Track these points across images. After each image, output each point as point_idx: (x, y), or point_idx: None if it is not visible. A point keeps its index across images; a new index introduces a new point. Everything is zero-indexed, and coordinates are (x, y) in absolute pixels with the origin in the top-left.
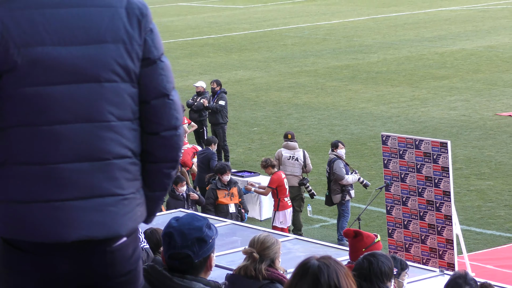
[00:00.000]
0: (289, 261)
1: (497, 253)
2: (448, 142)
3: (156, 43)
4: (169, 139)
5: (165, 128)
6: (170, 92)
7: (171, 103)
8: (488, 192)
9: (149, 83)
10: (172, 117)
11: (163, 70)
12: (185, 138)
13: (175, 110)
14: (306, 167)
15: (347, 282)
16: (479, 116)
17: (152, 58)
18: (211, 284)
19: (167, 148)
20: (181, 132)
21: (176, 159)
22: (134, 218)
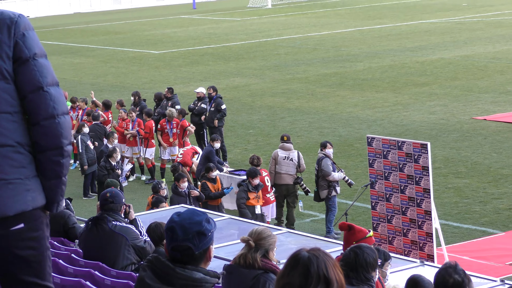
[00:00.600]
0: (282, 252)
1: (473, 246)
2: (428, 143)
3: (28, 45)
4: (48, 127)
5: (44, 117)
6: (43, 85)
7: (46, 94)
8: (465, 190)
9: (23, 79)
10: (49, 107)
11: (36, 66)
12: (187, 138)
13: (51, 100)
14: (300, 167)
15: (334, 272)
16: (456, 119)
17: (24, 57)
18: (210, 273)
19: (48, 136)
20: (60, 120)
21: (60, 145)
22: (22, 201)
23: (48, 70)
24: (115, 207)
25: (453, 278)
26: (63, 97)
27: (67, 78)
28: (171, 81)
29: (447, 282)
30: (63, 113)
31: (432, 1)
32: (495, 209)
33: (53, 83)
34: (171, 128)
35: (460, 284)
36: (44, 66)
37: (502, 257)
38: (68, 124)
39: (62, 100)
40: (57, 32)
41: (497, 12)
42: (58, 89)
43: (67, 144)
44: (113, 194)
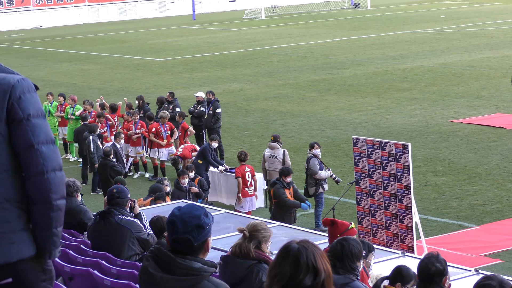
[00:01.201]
0: (273, 244)
1: (450, 238)
2: (408, 144)
3: (23, 107)
4: (38, 182)
5: (34, 173)
6: (34, 144)
7: (37, 151)
8: (442, 187)
9: (17, 138)
10: (39, 164)
11: (29, 126)
12: (187, 138)
13: (42, 158)
14: (285, 164)
15: (322, 262)
16: (435, 122)
17: (18, 118)
18: (208, 263)
19: (38, 190)
20: (50, 176)
21: (48, 200)
22: (6, 253)
23: (41, 129)
24: (121, 202)
25: (435, 266)
26: (56, 154)
27: (77, 83)
28: (172, 86)
29: (429, 270)
30: (53, 169)
31: (412, 13)
32: (470, 204)
33: (46, 141)
34: (164, 130)
35: (441, 273)
36: (38, 126)
37: (477, 249)
38: (59, 180)
39: (53, 157)
40: (67, 41)
41: (472, 23)
42: (52, 146)
43: (56, 198)
44: (120, 190)
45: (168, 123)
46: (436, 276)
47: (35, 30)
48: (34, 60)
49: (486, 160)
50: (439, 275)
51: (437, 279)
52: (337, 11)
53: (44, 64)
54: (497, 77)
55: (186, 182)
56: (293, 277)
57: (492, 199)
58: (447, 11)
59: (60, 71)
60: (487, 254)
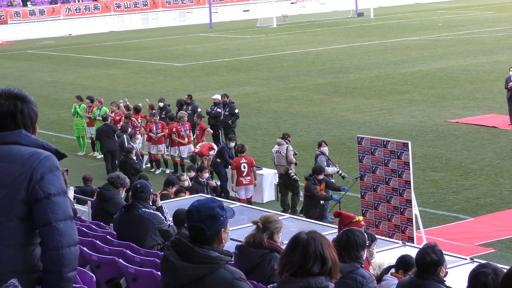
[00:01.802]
0: (284, 235)
1: (446, 229)
2: (409, 142)
3: (44, 187)
4: (52, 256)
5: (50, 248)
6: (52, 221)
7: (54, 228)
8: (440, 182)
9: (37, 215)
10: (55, 240)
11: (49, 205)
12: (204, 137)
13: (58, 235)
14: (287, 159)
15: (329, 251)
16: (433, 122)
17: (39, 198)
18: (224, 252)
19: (52, 263)
20: (64, 252)
21: (60, 272)
22: None
23: (61, 207)
24: (144, 196)
25: (430, 257)
26: (72, 231)
27: (103, 87)
28: (191, 89)
29: (425, 260)
30: (68, 245)
31: (412, 22)
32: (466, 198)
33: (65, 218)
34: (184, 130)
35: (436, 263)
36: (57, 204)
37: (472, 239)
38: (72, 255)
39: (69, 234)
40: (95, 47)
41: (467, 31)
42: (70, 223)
43: (67, 272)
44: (143, 185)
45: (187, 123)
46: (431, 266)
47: (65, 38)
48: (64, 65)
49: (480, 157)
50: (434, 265)
51: (432, 268)
52: (343, 20)
53: (73, 69)
54: (491, 81)
55: (206, 177)
56: (302, 265)
57: (486, 193)
58: (444, 20)
59: (88, 76)
60: (482, 244)
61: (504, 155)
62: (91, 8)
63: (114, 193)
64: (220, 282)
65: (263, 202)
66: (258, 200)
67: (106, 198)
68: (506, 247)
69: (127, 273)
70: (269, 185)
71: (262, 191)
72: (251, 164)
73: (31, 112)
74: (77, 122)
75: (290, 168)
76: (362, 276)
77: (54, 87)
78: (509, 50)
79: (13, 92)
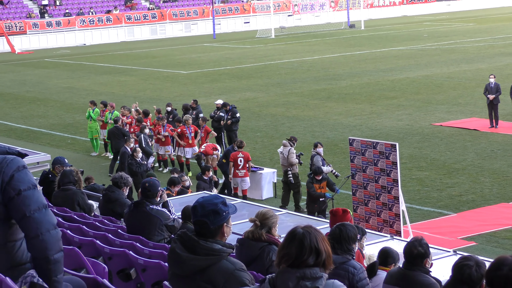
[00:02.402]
0: (282, 229)
1: (431, 224)
2: (396, 144)
3: (14, 185)
4: (35, 243)
5: (31, 237)
6: (27, 213)
7: (30, 219)
8: (425, 180)
9: (14, 211)
10: (33, 228)
11: (21, 200)
12: (209, 139)
13: (35, 223)
14: (288, 161)
15: (323, 244)
16: (418, 125)
17: (11, 196)
18: (227, 245)
19: (37, 250)
20: (44, 237)
21: (45, 256)
22: None
23: (32, 199)
24: (151, 195)
25: (417, 249)
26: (48, 216)
27: (115, 92)
28: (196, 94)
29: (412, 253)
30: (47, 230)
31: (400, 33)
32: (449, 195)
33: (38, 207)
34: (190, 132)
35: (422, 255)
36: (28, 197)
37: (455, 233)
38: (53, 238)
39: (46, 220)
40: (107, 56)
41: (451, 41)
42: (44, 211)
43: (53, 254)
44: (151, 184)
45: (193, 126)
46: (418, 258)
47: (79, 47)
48: (79, 73)
49: (462, 158)
50: (420, 257)
51: (419, 260)
52: (336, 31)
53: (88, 76)
54: (472, 87)
55: (209, 175)
56: (298, 257)
57: (468, 190)
58: (429, 31)
59: (101, 82)
60: (464, 238)
61: (485, 155)
62: (104, 20)
63: (118, 194)
64: (223, 272)
65: (262, 199)
66: (258, 197)
67: (112, 200)
68: (486, 241)
69: (137, 264)
70: (268, 183)
71: (261, 189)
72: (247, 159)
73: None
74: (91, 125)
75: (289, 169)
76: (354, 267)
77: (69, 92)
78: (489, 59)
79: None
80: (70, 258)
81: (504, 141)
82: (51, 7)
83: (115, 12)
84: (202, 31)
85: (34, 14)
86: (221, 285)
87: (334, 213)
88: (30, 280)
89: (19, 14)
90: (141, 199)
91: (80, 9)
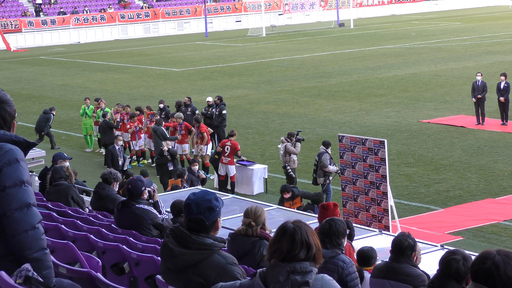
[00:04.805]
0: (272, 224)
1: (419, 219)
2: (385, 140)
3: (0, 180)
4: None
5: (9, 236)
6: (7, 211)
7: (9, 218)
8: (413, 176)
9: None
10: (10, 228)
11: (4, 197)
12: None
13: (13, 223)
14: (286, 151)
15: (313, 239)
16: (406, 122)
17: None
18: (218, 239)
19: (15, 248)
20: (21, 237)
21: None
22: None
23: (15, 197)
24: (136, 195)
25: (407, 241)
26: (27, 216)
27: (109, 90)
28: (188, 92)
29: (402, 244)
30: (24, 231)
31: (388, 32)
32: (436, 191)
33: (20, 206)
34: (180, 129)
35: (412, 247)
36: (11, 195)
37: (442, 228)
38: (31, 238)
39: (25, 220)
40: (101, 54)
41: (438, 40)
42: (26, 210)
43: (31, 253)
44: (133, 186)
45: (185, 123)
46: (408, 250)
47: (74, 45)
48: (73, 70)
49: (449, 154)
50: (410, 249)
51: (409, 252)
52: (326, 30)
53: (82, 74)
54: (459, 85)
55: (196, 169)
56: (290, 251)
57: (455, 186)
58: (417, 30)
59: (95, 79)
60: (451, 232)
61: (471, 152)
62: (98, 18)
63: (108, 190)
64: (215, 266)
65: (253, 194)
66: (249, 193)
67: (103, 197)
68: (473, 235)
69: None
70: (259, 179)
71: (252, 184)
72: (235, 148)
73: (3, 112)
74: (86, 122)
75: (287, 164)
76: (343, 261)
77: (64, 90)
78: (476, 57)
79: None
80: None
81: (491, 137)
82: (46, 6)
83: (109, 11)
84: (194, 29)
85: (30, 12)
86: (213, 278)
87: (325, 207)
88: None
89: (14, 13)
90: (127, 199)
91: (74, 7)
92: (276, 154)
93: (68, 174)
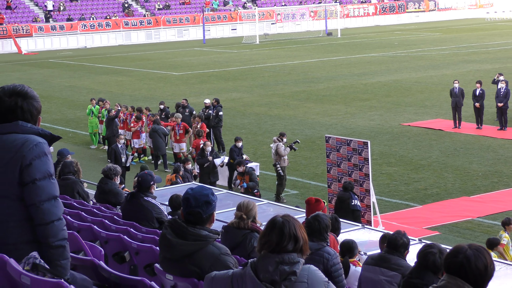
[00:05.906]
0: (263, 218)
1: (399, 215)
2: (368, 142)
3: (31, 173)
4: (40, 230)
5: (36, 224)
6: (36, 202)
7: (38, 209)
8: (394, 175)
9: (25, 197)
10: (39, 217)
11: (33, 189)
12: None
13: (42, 213)
14: (277, 153)
15: (301, 232)
16: (389, 125)
17: (25, 182)
18: (213, 231)
19: (41, 235)
20: (48, 226)
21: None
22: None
23: (44, 190)
24: (145, 188)
25: (402, 240)
26: (55, 208)
27: (113, 91)
28: (186, 94)
29: (398, 241)
30: (51, 221)
31: (373, 41)
32: (415, 189)
33: (48, 198)
34: (178, 129)
35: (405, 245)
36: (41, 187)
37: (420, 223)
38: (56, 228)
39: (52, 212)
40: (106, 58)
41: (419, 49)
42: (53, 202)
43: (54, 241)
44: (143, 178)
45: (183, 123)
46: (402, 247)
47: (81, 50)
48: (80, 73)
49: (428, 155)
50: (404, 247)
51: (402, 249)
52: (315, 38)
53: (88, 76)
54: (438, 91)
55: (190, 167)
56: (279, 243)
57: (432, 185)
58: (400, 39)
59: (100, 82)
60: (428, 227)
61: (448, 153)
62: (104, 25)
63: (111, 185)
64: (209, 256)
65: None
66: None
67: (106, 191)
68: (449, 231)
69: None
70: None
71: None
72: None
73: (31, 107)
74: (92, 121)
75: (278, 163)
76: (328, 253)
77: (71, 91)
78: (454, 65)
79: (16, 90)
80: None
81: (466, 140)
82: (55, 13)
83: (114, 18)
84: (193, 36)
85: (40, 18)
86: (207, 268)
87: (308, 201)
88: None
89: (26, 18)
90: (136, 191)
91: (82, 14)
92: (267, 153)
93: (77, 169)
